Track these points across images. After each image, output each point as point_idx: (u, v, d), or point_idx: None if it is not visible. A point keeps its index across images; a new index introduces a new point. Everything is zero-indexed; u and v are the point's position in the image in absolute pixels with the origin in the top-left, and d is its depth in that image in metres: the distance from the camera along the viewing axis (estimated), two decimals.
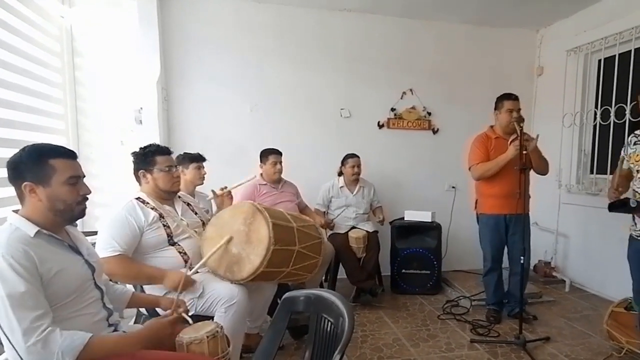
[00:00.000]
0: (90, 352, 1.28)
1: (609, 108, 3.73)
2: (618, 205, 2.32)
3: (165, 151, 2.23)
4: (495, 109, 3.21)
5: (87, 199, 1.48)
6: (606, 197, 2.51)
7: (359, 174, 3.79)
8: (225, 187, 2.75)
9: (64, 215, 1.42)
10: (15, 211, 1.40)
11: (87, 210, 1.49)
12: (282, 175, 3.55)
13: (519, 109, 3.08)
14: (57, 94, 3.19)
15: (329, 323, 1.43)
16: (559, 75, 4.25)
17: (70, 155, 1.45)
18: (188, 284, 1.95)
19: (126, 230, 2.00)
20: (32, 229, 1.35)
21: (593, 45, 3.89)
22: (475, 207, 3.37)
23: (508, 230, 3.18)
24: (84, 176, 1.49)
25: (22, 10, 2.67)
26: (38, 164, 1.37)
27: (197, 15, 3.83)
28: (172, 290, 1.94)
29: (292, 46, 4.08)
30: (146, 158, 2.17)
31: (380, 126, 4.37)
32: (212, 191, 2.74)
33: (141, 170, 2.18)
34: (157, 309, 2.04)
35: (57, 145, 1.46)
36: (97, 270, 1.56)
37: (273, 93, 4.08)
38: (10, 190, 1.42)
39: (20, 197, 1.40)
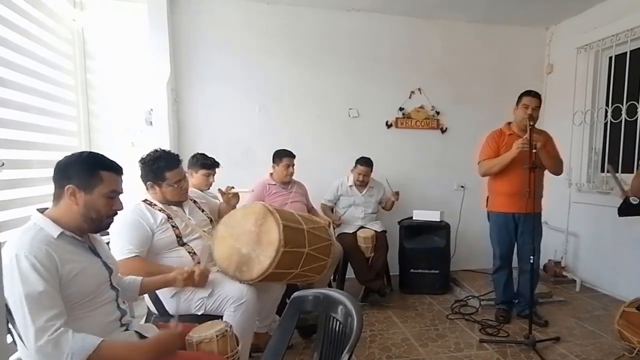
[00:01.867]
0: (99, 356, 1.28)
1: (621, 106, 3.69)
2: (625, 208, 2.32)
3: (174, 164, 2.18)
4: (516, 104, 3.14)
5: (117, 214, 1.54)
6: (617, 196, 2.49)
7: (363, 182, 3.78)
8: (233, 187, 2.73)
9: (92, 224, 1.47)
10: (40, 210, 1.43)
11: None
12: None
13: (536, 107, 2.99)
14: (70, 96, 3.24)
15: (338, 322, 1.43)
16: (569, 73, 4.21)
17: (119, 171, 1.52)
18: (204, 275, 1.97)
19: (139, 232, 2.03)
20: (55, 231, 1.38)
21: (604, 42, 3.85)
22: (487, 205, 3.35)
23: (517, 228, 3.17)
24: (122, 192, 1.53)
25: (35, 14, 2.71)
26: (89, 171, 1.42)
27: (205, 17, 3.86)
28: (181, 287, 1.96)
29: (300, 46, 4.10)
30: (156, 173, 2.15)
31: (389, 126, 4.36)
32: (219, 190, 2.73)
33: (149, 182, 2.18)
34: (166, 306, 2.07)
35: (111, 160, 1.51)
36: (114, 272, 1.59)
37: (281, 93, 4.09)
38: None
39: (58, 196, 1.43)
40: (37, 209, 1.44)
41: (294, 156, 3.50)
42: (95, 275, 1.47)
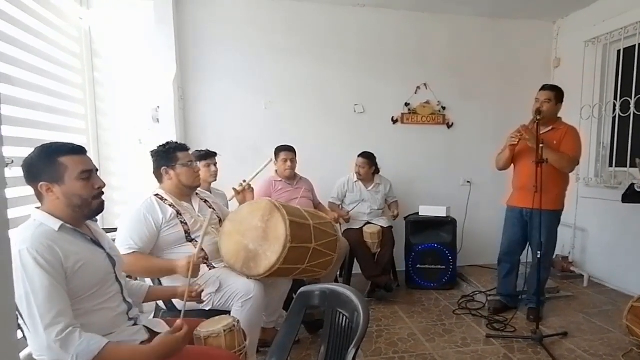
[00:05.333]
0: (103, 358, 1.29)
1: (629, 99, 3.65)
2: (630, 195, 2.30)
3: (184, 147, 2.29)
4: None
5: (103, 192, 1.51)
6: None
7: (360, 174, 3.75)
8: (244, 181, 2.68)
9: (82, 210, 1.45)
10: (39, 208, 1.44)
11: (107, 208, 1.53)
12: (297, 171, 3.58)
13: (546, 100, 2.93)
14: (78, 94, 3.25)
15: (344, 318, 1.44)
16: (577, 67, 4.17)
17: (79, 151, 1.47)
18: (197, 266, 1.93)
19: (143, 229, 2.04)
20: (56, 224, 1.39)
21: (612, 35, 3.81)
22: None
23: (527, 224, 3.11)
24: (97, 170, 1.51)
25: (42, 13, 2.72)
26: (49, 163, 1.40)
27: (211, 13, 3.86)
28: (185, 277, 1.94)
29: (306, 42, 4.09)
30: (168, 155, 2.21)
31: (395, 121, 4.35)
32: (234, 189, 2.69)
33: (163, 168, 2.21)
34: (174, 302, 2.09)
35: (66, 143, 1.48)
36: (118, 264, 1.59)
37: (287, 90, 4.10)
38: (28, 189, 1.45)
39: (39, 196, 1.43)
40: (36, 207, 1.44)
41: (292, 150, 3.51)
42: (99, 266, 1.48)
